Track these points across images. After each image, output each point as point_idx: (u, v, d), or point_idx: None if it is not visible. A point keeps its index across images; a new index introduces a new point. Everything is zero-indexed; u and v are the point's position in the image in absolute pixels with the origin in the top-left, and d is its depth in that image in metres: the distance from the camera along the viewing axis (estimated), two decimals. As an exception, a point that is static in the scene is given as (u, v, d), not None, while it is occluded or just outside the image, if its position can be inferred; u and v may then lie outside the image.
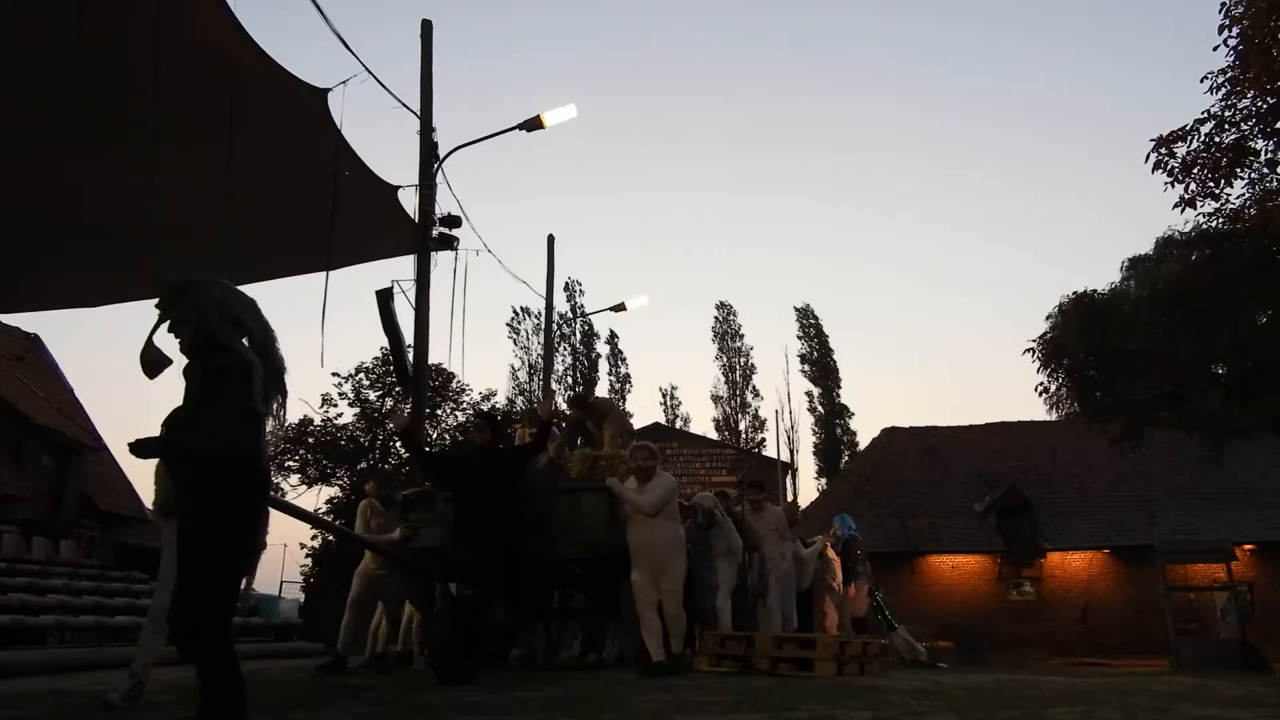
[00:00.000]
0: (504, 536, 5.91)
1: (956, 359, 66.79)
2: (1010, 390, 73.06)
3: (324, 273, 9.03)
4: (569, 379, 40.96)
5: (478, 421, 6.88)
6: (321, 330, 19.71)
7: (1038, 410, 41.73)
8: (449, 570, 6.14)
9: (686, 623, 6.90)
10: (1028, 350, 15.82)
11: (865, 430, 52.14)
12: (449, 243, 11.08)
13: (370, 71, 8.24)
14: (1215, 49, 12.05)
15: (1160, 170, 12.35)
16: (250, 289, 3.43)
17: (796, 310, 44.84)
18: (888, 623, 11.48)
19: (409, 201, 10.34)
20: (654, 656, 6.19)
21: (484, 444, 6.60)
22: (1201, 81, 12.14)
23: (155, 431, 3.21)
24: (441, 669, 5.74)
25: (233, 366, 3.11)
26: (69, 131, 6.32)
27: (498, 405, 29.34)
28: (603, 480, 7.09)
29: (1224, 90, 12.01)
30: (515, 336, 41.39)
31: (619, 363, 43.85)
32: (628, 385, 43.35)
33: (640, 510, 6.29)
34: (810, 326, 44.16)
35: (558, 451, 8.11)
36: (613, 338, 43.96)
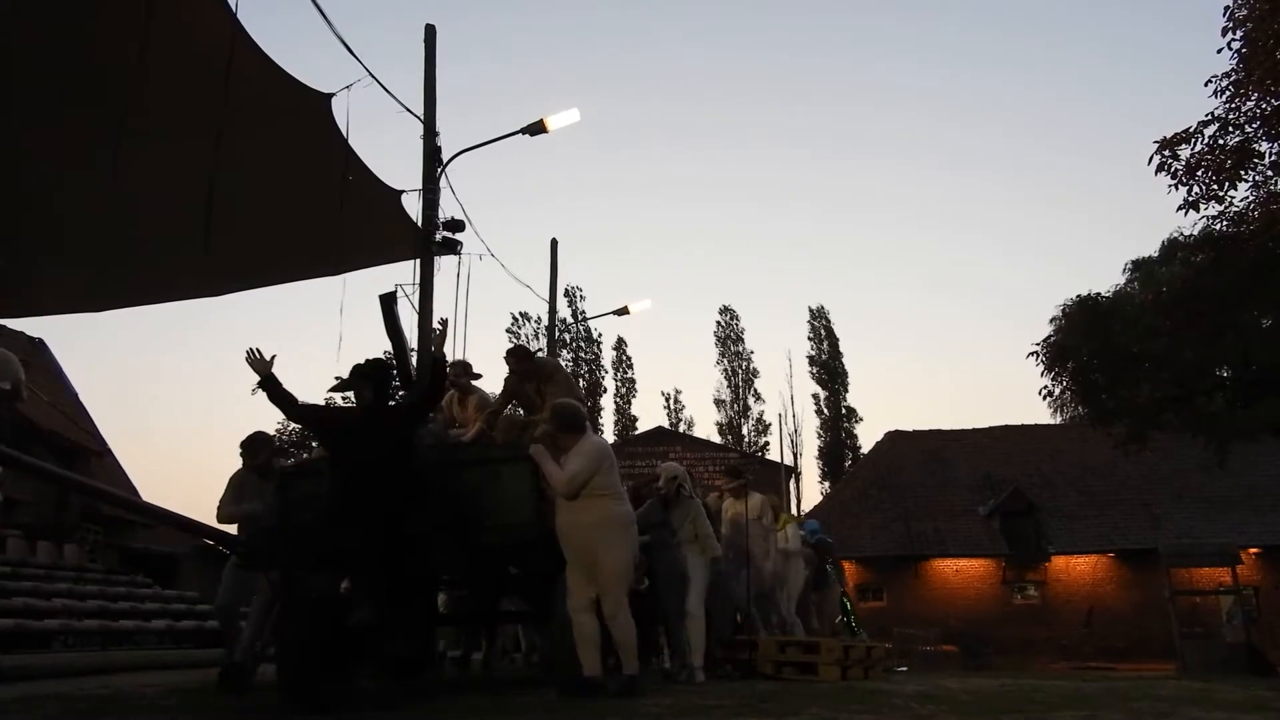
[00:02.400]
0: (391, 517, 4.77)
1: (960, 362, 66.73)
2: (1014, 394, 72.99)
3: (326, 277, 9.06)
4: (572, 383, 40.94)
5: (355, 378, 5.13)
6: (339, 337, 19.75)
7: (1042, 414, 41.73)
8: (320, 558, 4.96)
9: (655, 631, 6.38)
10: (1031, 353, 15.82)
11: (868, 434, 52.16)
12: (452, 247, 11.07)
13: (374, 76, 8.25)
14: (1219, 52, 12.06)
15: (1164, 173, 12.33)
16: (253, 293, 3.46)
17: (810, 310, 45.01)
18: (849, 628, 11.37)
19: (412, 206, 10.35)
20: (586, 670, 4.95)
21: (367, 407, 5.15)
22: (1205, 84, 12.15)
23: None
24: (294, 692, 4.56)
25: None
26: (71, 136, 6.34)
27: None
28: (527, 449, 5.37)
29: (1228, 93, 12.00)
30: (516, 341, 41.43)
31: (625, 368, 43.91)
32: (633, 390, 43.41)
33: (553, 485, 5.03)
34: (822, 328, 44.23)
35: (489, 420, 6.74)
36: (620, 344, 44.04)
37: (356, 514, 4.72)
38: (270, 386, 5.18)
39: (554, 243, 18.26)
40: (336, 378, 5.84)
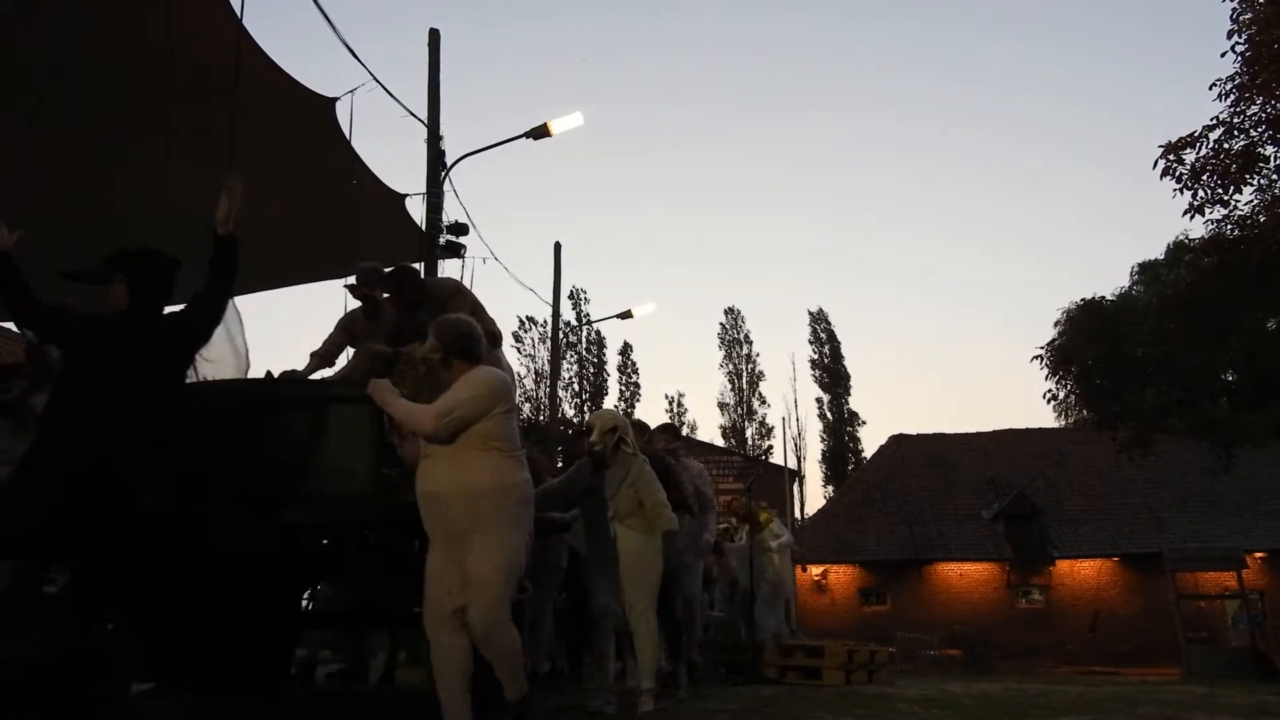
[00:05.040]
0: (148, 478, 3.25)
1: (964, 366, 66.64)
2: (1018, 397, 72.84)
3: (328, 281, 9.05)
4: (574, 386, 41.01)
5: (104, 268, 3.65)
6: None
7: (1046, 417, 41.64)
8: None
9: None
10: (1036, 357, 15.79)
11: (872, 438, 52.12)
12: (456, 250, 11.10)
13: (378, 80, 8.27)
14: (1223, 55, 12.04)
15: (1169, 177, 12.32)
16: (256, 296, 3.49)
17: (810, 314, 44.90)
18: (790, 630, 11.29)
19: (416, 210, 10.37)
20: (443, 697, 3.43)
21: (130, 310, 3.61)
22: (1210, 88, 12.13)
23: None
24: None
25: None
26: (74, 141, 6.35)
27: None
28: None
29: (1232, 97, 11.99)
30: (520, 345, 41.45)
31: (630, 372, 43.93)
32: (638, 394, 43.42)
33: (413, 425, 3.53)
34: (823, 331, 44.18)
35: (364, 360, 4.91)
36: (626, 349, 44.05)
37: (83, 468, 3.17)
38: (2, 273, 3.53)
39: (558, 246, 18.28)
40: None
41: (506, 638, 3.43)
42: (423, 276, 5.29)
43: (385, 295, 5.34)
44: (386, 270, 5.23)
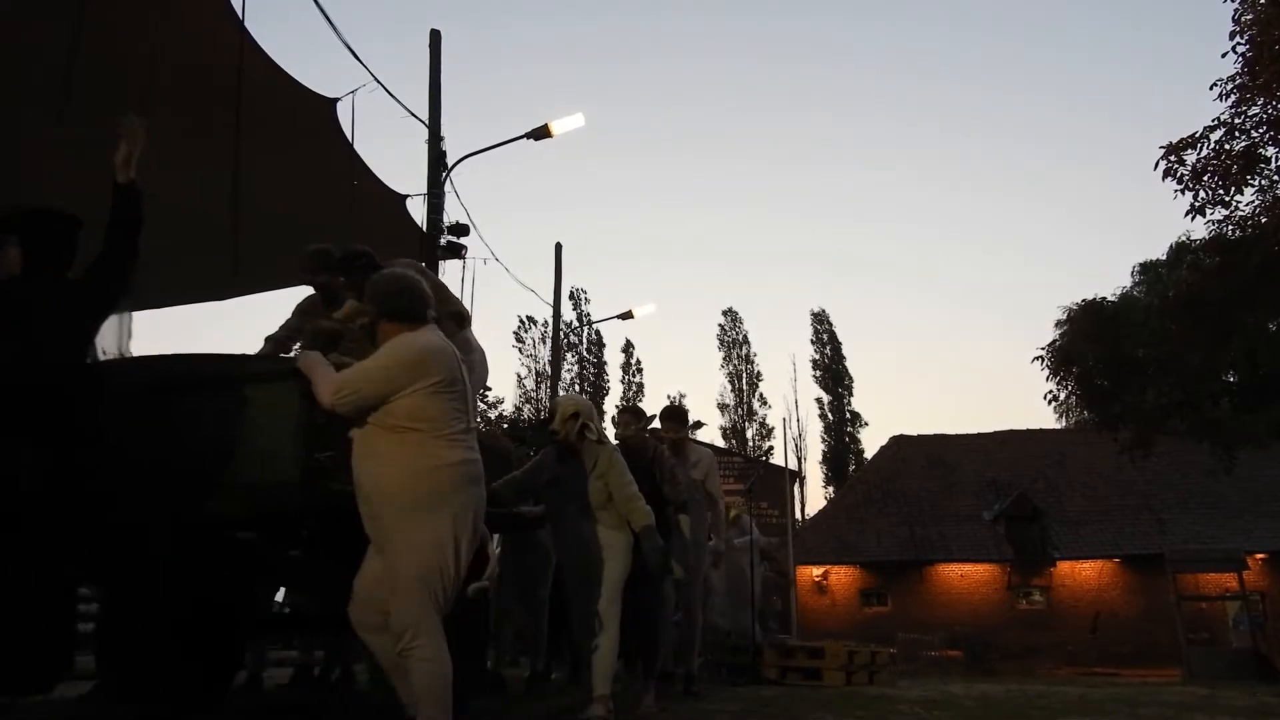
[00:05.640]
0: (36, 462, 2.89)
1: (965, 366, 66.60)
2: (1019, 398, 72.79)
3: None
4: (575, 387, 41.01)
5: None
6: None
7: (1047, 418, 41.61)
8: None
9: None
10: (1037, 358, 15.79)
11: (872, 439, 52.16)
12: (457, 251, 11.12)
13: (379, 81, 8.29)
14: (1224, 55, 12.04)
15: (1170, 178, 12.31)
16: (258, 297, 3.47)
17: (812, 315, 44.85)
18: None
19: (417, 210, 10.38)
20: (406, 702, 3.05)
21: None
22: (1211, 88, 12.13)
23: None
24: None
25: None
26: (74, 143, 6.36)
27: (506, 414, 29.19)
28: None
29: (1234, 97, 11.99)
30: (521, 345, 41.49)
31: (634, 372, 43.94)
32: (641, 394, 43.42)
33: (319, 397, 3.05)
34: (824, 332, 44.16)
35: (307, 338, 4.50)
36: (628, 347, 44.07)
37: None
38: None
39: (558, 247, 18.30)
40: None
41: (422, 658, 2.82)
42: (373, 260, 4.74)
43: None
44: (341, 253, 4.84)
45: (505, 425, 20.24)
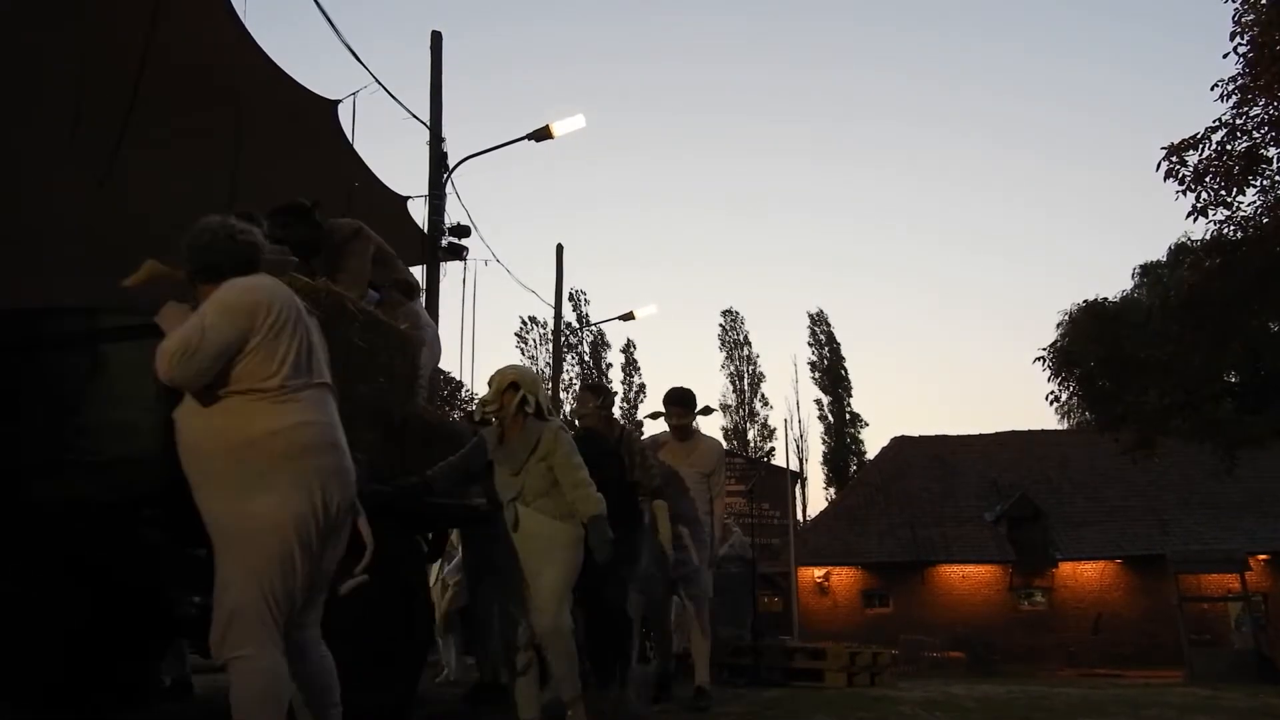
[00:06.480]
0: None
1: (967, 367, 66.58)
2: (1021, 399, 72.76)
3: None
4: (575, 388, 41.04)
5: None
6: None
7: (1049, 419, 41.63)
8: None
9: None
10: (1038, 359, 15.77)
11: (874, 440, 52.12)
12: (458, 253, 11.14)
13: (380, 83, 8.32)
14: (1225, 56, 12.03)
15: (1171, 179, 12.31)
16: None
17: (809, 316, 44.77)
18: None
19: (418, 212, 10.39)
20: None
21: None
22: (1212, 89, 12.12)
23: None
24: None
25: None
26: (74, 144, 6.36)
27: None
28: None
29: (1235, 98, 11.97)
30: (523, 346, 41.53)
31: (633, 372, 43.94)
32: (642, 395, 43.41)
33: (157, 366, 2.46)
34: (822, 333, 44.12)
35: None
36: (628, 347, 44.06)
37: None
38: None
39: (559, 248, 18.32)
40: None
41: (248, 669, 2.33)
42: (315, 217, 4.47)
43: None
44: (278, 209, 4.40)
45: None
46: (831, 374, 43.25)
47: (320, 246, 4.50)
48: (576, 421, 4.95)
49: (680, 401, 5.50)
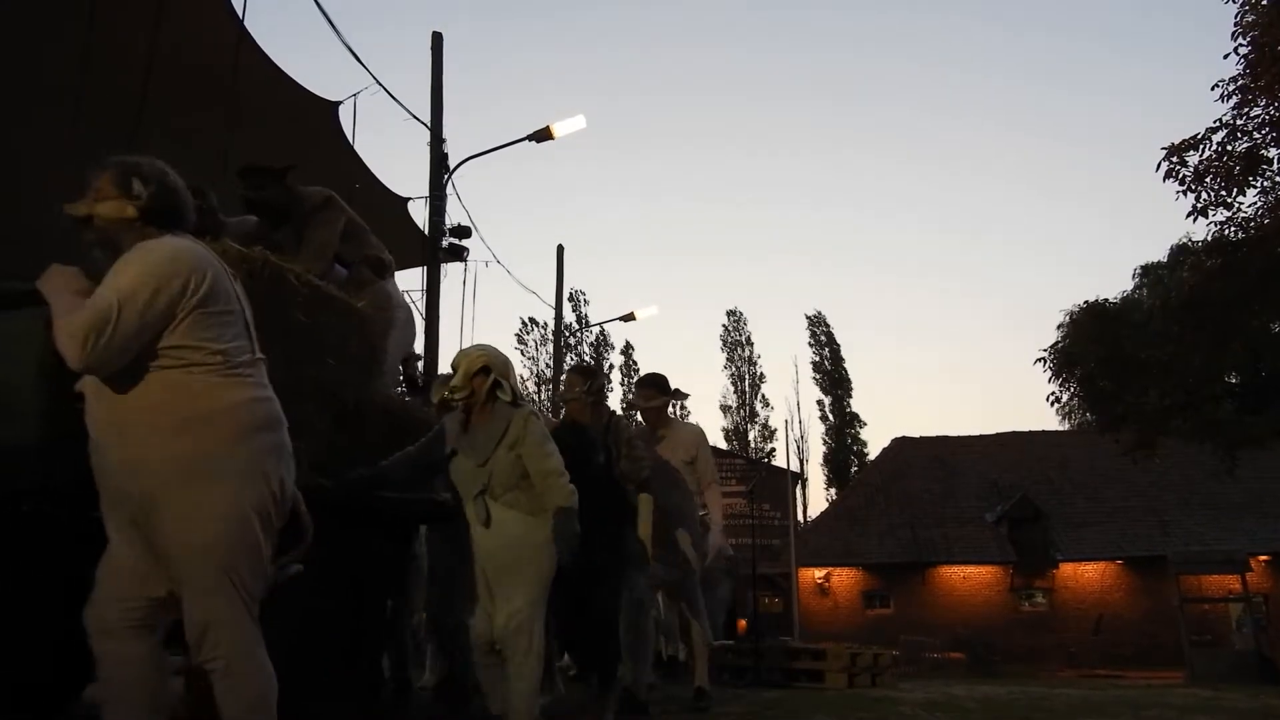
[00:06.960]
0: None
1: (967, 368, 66.55)
2: (1022, 400, 72.72)
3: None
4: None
5: None
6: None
7: (1049, 420, 41.61)
8: None
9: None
10: (1039, 359, 15.77)
11: (875, 440, 52.09)
12: (459, 253, 11.14)
13: (380, 84, 8.32)
14: (1226, 57, 12.04)
15: (1172, 179, 12.31)
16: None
17: (808, 318, 44.72)
18: None
19: (419, 213, 10.40)
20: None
21: None
22: (1213, 89, 12.12)
23: None
24: None
25: None
26: (74, 145, 6.37)
27: None
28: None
29: (1236, 98, 11.98)
30: (523, 347, 41.53)
31: (634, 373, 43.90)
32: (643, 395, 43.30)
33: (64, 350, 2.10)
34: (822, 334, 44.08)
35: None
36: (628, 348, 44.06)
37: None
38: None
39: (560, 249, 18.31)
40: None
41: (234, 671, 2.12)
42: (285, 183, 4.25)
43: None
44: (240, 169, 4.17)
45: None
46: (831, 375, 43.25)
47: (290, 214, 4.30)
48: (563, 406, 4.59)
49: (652, 384, 5.20)
